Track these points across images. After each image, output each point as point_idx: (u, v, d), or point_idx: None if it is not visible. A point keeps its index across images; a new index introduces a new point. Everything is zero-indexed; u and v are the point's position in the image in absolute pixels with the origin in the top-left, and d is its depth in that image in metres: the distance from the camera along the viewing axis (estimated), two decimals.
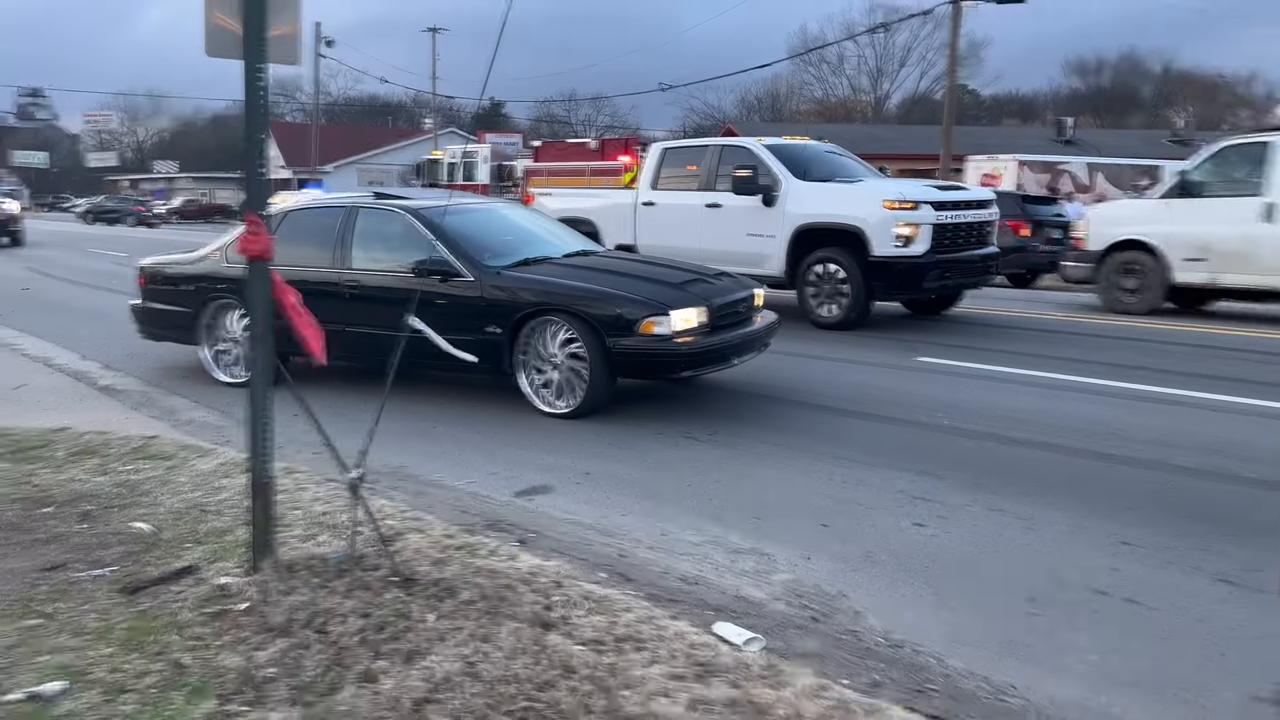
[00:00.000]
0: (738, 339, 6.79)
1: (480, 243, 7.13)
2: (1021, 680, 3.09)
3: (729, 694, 2.67)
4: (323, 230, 7.49)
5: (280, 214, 7.66)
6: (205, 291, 7.72)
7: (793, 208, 10.67)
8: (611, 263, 7.50)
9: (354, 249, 7.27)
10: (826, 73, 63.68)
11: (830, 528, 4.48)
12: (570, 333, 6.41)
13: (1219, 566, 3.96)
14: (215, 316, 7.73)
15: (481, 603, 3.28)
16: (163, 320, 8.09)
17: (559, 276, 6.77)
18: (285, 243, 7.44)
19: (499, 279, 6.69)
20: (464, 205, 8.00)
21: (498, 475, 5.35)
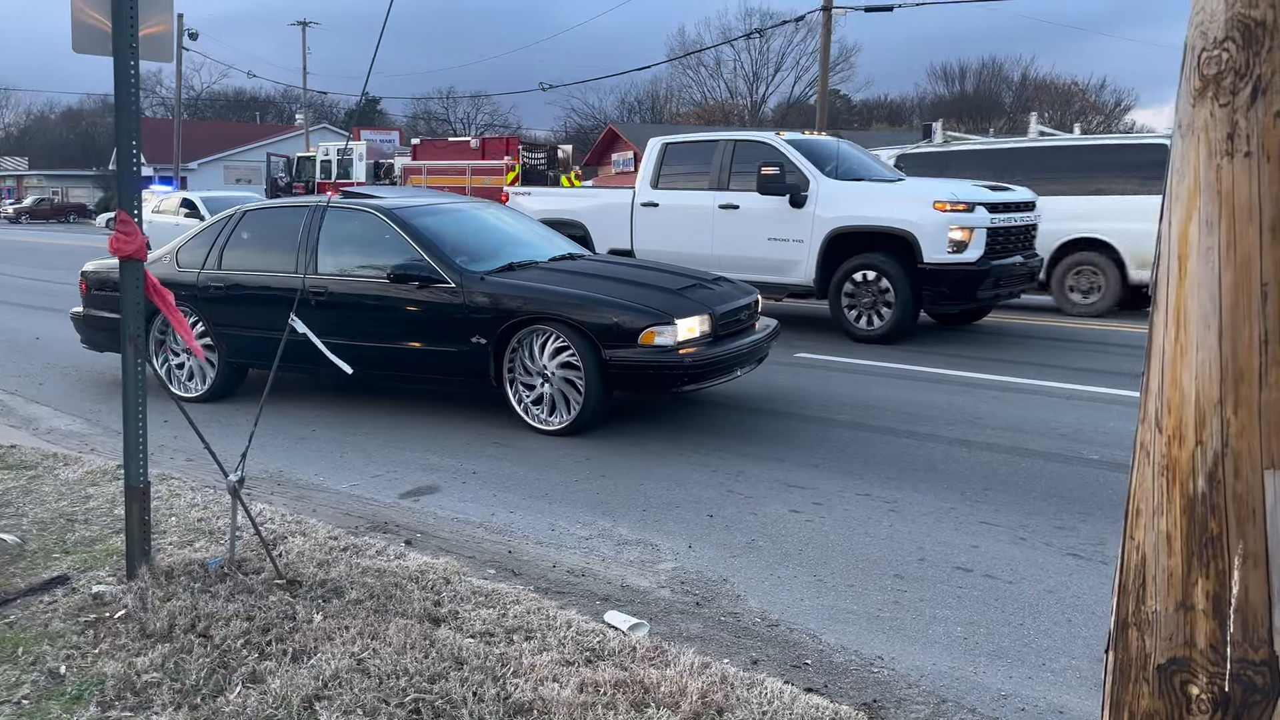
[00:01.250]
0: (742, 349, 6.34)
1: (461, 245, 6.64)
2: (890, 652, 3.29)
3: (616, 675, 2.77)
4: (285, 232, 6.98)
5: (236, 214, 7.26)
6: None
7: (825, 210, 9.62)
8: (603, 267, 7.02)
9: (320, 253, 6.71)
10: (705, 76, 64.73)
11: (714, 518, 4.63)
12: (562, 343, 5.98)
13: (1068, 542, 4.28)
14: (166, 326, 7.12)
15: (369, 601, 3.29)
16: (106, 329, 7.25)
17: (549, 282, 6.26)
18: (242, 246, 7.03)
19: (483, 285, 6.18)
20: (440, 205, 7.38)
21: (381, 477, 5.31)
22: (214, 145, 57.83)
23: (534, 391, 6.16)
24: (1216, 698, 1.45)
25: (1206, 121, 1.41)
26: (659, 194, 10.97)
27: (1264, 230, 1.36)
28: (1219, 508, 1.43)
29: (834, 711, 2.63)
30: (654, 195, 11.01)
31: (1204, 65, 1.42)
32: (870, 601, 3.70)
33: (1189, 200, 1.44)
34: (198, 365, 7.08)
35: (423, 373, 6.51)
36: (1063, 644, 3.34)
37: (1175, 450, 1.47)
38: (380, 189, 7.75)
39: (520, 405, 6.21)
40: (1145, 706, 1.53)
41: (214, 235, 7.19)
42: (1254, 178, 1.37)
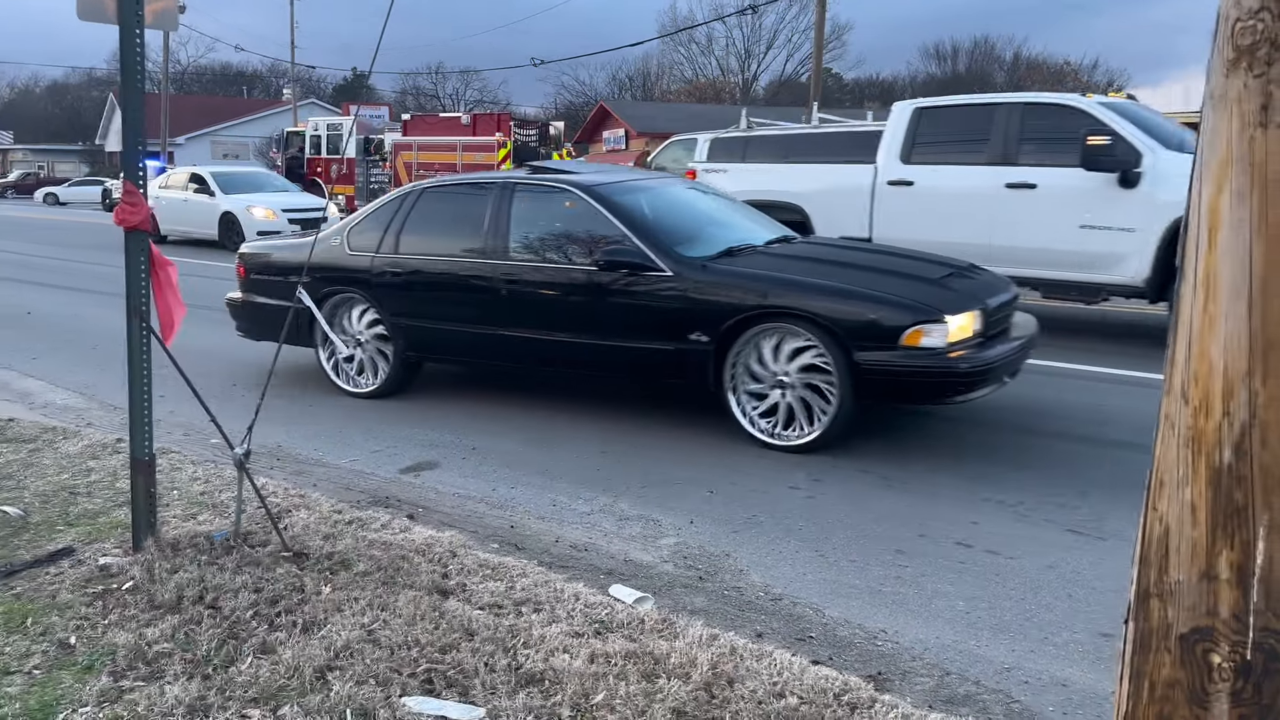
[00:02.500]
0: (1012, 352, 5.33)
1: (674, 228, 5.87)
2: (893, 626, 3.32)
3: (626, 647, 2.78)
4: (468, 213, 6.23)
5: (413, 193, 6.58)
6: (321, 284, 6.46)
7: (1164, 191, 7.61)
8: (837, 252, 6.07)
9: (511, 236, 5.99)
10: (696, 53, 64.33)
11: (715, 494, 4.65)
12: (805, 343, 5.11)
13: (1069, 518, 4.31)
14: (334, 314, 6.52)
15: (377, 574, 3.30)
16: (268, 317, 6.70)
17: (781, 270, 5.43)
18: (420, 228, 6.32)
19: (705, 273, 5.36)
20: (641, 182, 6.48)
21: (381, 452, 5.31)
22: (201, 120, 57.32)
23: (764, 401, 5.29)
24: (1239, 666, 1.47)
25: (1240, 92, 1.41)
26: (913, 170, 9.03)
27: None
28: (1245, 478, 1.44)
29: (843, 682, 2.65)
30: (906, 171, 9.06)
31: (1238, 35, 1.41)
32: (872, 576, 3.73)
33: (1220, 172, 1.44)
34: (369, 359, 6.47)
35: (626, 373, 5.84)
36: (1064, 618, 3.37)
37: (1201, 421, 1.48)
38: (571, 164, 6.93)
39: (745, 416, 5.33)
40: (1166, 675, 1.55)
41: (388, 216, 6.48)
42: None
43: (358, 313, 6.46)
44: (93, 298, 11.18)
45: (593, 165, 8.63)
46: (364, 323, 6.44)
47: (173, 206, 19.35)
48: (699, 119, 47.38)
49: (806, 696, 2.54)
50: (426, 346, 6.33)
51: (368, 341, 6.46)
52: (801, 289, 5.16)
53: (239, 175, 20.47)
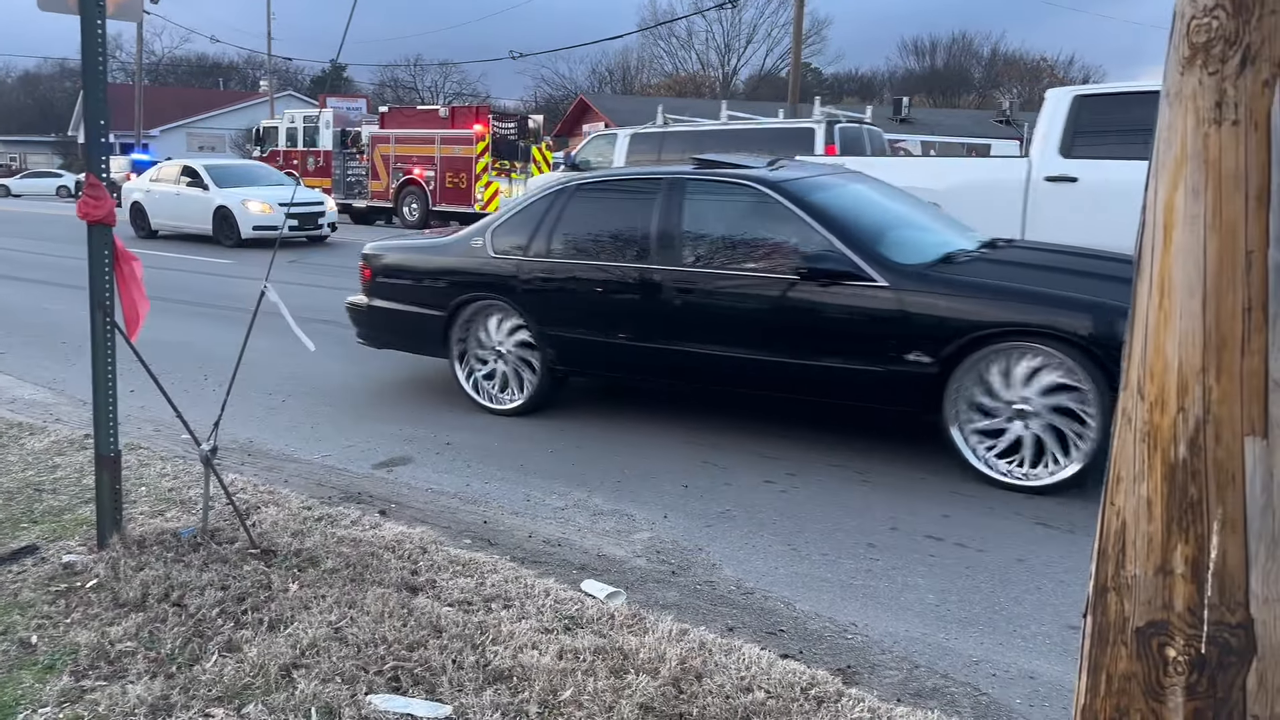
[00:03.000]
0: None
1: (877, 231, 5.17)
2: (863, 619, 3.33)
3: (596, 643, 2.78)
4: (631, 213, 5.59)
5: (565, 189, 5.92)
6: (459, 289, 5.98)
7: None
8: (1064, 259, 5.40)
9: (684, 239, 5.36)
10: (676, 47, 64.33)
11: (689, 488, 4.65)
12: (1044, 363, 4.44)
13: (1037, 511, 4.34)
14: (472, 322, 6.01)
15: (346, 570, 3.28)
16: (396, 324, 6.29)
17: (1025, 281, 4.71)
18: (574, 228, 5.72)
19: (926, 284, 4.69)
20: (829, 178, 5.71)
21: (354, 448, 5.28)
22: (176, 112, 56.74)
23: (1003, 435, 4.60)
24: (1193, 659, 1.48)
25: (1195, 89, 1.42)
26: (1076, 165, 8.10)
27: (1250, 198, 1.37)
28: (1199, 473, 1.45)
29: (811, 676, 2.66)
30: (1067, 166, 8.15)
31: (1193, 33, 1.42)
32: (843, 569, 3.74)
33: (1175, 168, 1.45)
34: (512, 372, 5.93)
35: (823, 395, 5.10)
36: (1033, 611, 3.40)
37: (1157, 417, 1.49)
38: (739, 157, 6.14)
39: (974, 452, 4.68)
40: (1123, 668, 1.56)
41: (538, 216, 5.87)
42: (1241, 145, 1.37)
43: (500, 322, 5.91)
44: (60, 291, 11.05)
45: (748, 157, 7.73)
46: (506, 333, 5.90)
47: (164, 200, 18.93)
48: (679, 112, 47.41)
49: (774, 691, 2.55)
50: (580, 360, 5.75)
51: (509, 353, 5.90)
52: (1056, 303, 4.44)
53: (233, 168, 19.94)
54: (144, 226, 19.30)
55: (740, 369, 5.19)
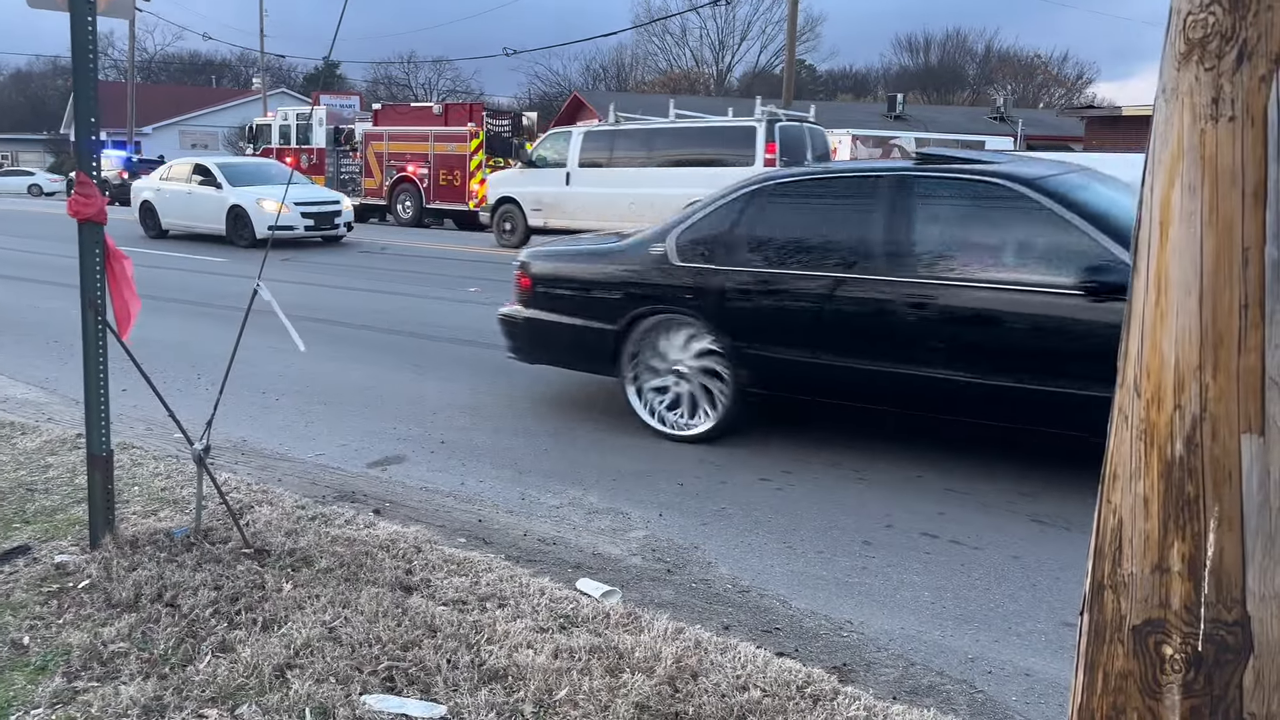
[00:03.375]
0: None
1: None
2: (859, 617, 3.33)
3: (591, 642, 2.77)
4: (847, 215, 5.00)
5: (761, 187, 5.27)
6: (635, 301, 5.38)
7: None
8: None
9: (916, 245, 4.70)
10: (670, 44, 64.24)
11: (685, 486, 4.64)
12: None
13: (1032, 508, 4.34)
14: (648, 338, 5.41)
15: (340, 570, 3.26)
16: (557, 339, 5.75)
17: None
18: (775, 231, 5.09)
19: None
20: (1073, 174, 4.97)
21: (348, 447, 5.26)
22: (169, 109, 56.58)
23: None
24: (1190, 657, 1.47)
25: (1191, 86, 1.41)
26: None
27: (1246, 195, 1.37)
28: (1196, 471, 1.44)
29: (806, 675, 2.65)
30: None
31: (1189, 29, 1.41)
32: (839, 567, 3.74)
33: (1171, 165, 1.45)
34: (695, 394, 5.32)
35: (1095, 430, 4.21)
36: (1028, 608, 3.40)
37: (1154, 414, 1.48)
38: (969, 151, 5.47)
39: None
40: (1120, 667, 1.56)
41: (731, 219, 5.24)
42: (1238, 142, 1.37)
43: (683, 338, 5.30)
44: (50, 289, 11.00)
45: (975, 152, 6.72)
46: (690, 350, 5.28)
47: (175, 199, 18.34)
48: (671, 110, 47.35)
49: (769, 689, 2.54)
50: (782, 382, 5.10)
51: (692, 373, 5.29)
52: None
53: (247, 167, 19.22)
54: (154, 226, 18.73)
55: (1003, 399, 4.46)
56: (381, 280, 12.91)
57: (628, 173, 16.96)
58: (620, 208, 16.69)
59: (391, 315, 9.74)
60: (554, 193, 17.81)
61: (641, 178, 16.66)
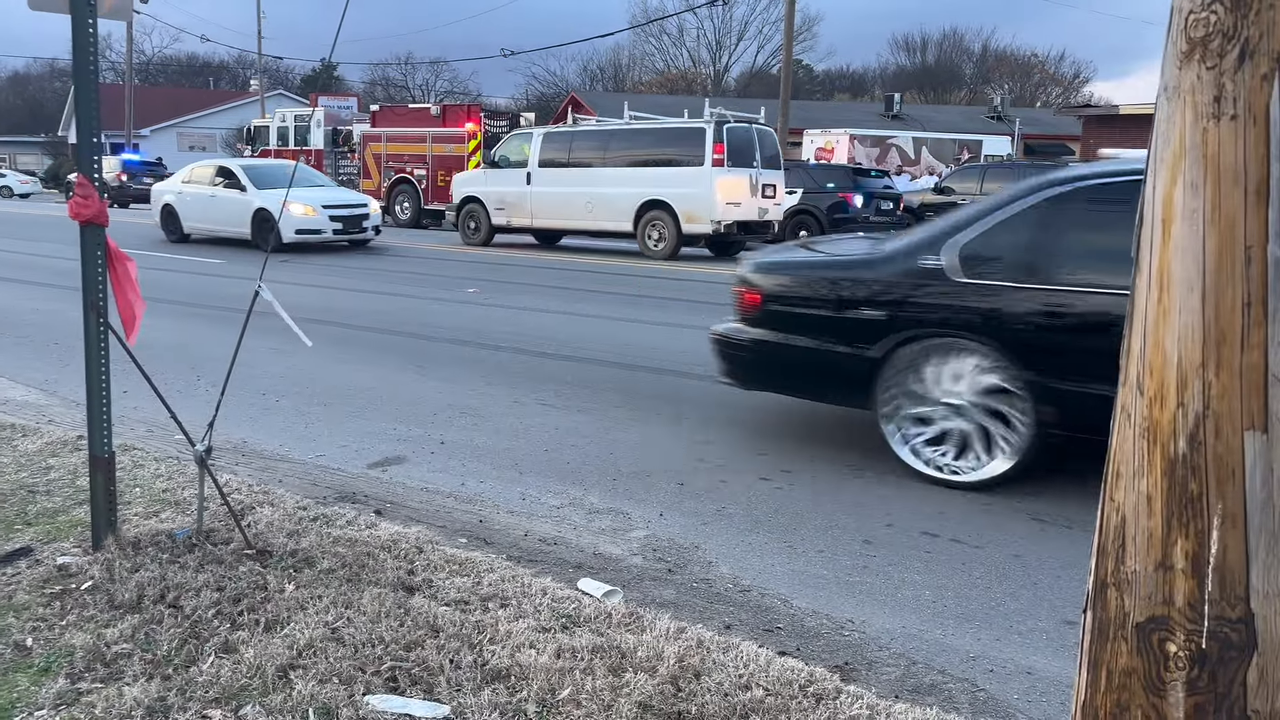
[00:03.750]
0: None
1: None
2: (860, 616, 3.33)
3: (594, 641, 2.77)
4: None
5: (1057, 195, 4.47)
6: (903, 324, 4.69)
7: None
8: None
9: None
10: (667, 44, 64.28)
11: (685, 486, 4.64)
12: None
13: (1033, 507, 4.35)
14: (913, 366, 4.70)
15: (342, 571, 3.26)
16: (793, 363, 5.08)
17: None
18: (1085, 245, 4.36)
19: None
20: None
21: (348, 448, 5.26)
22: (166, 112, 56.56)
23: None
24: (1194, 654, 1.48)
25: (1193, 84, 1.42)
26: None
27: (1249, 193, 1.37)
28: (1199, 469, 1.45)
29: (809, 674, 2.65)
30: None
31: (1191, 28, 1.42)
32: (840, 566, 3.74)
33: (1174, 163, 1.45)
34: (975, 432, 4.57)
35: None
36: (1029, 606, 3.40)
37: (1157, 412, 1.48)
38: None
39: None
40: (1124, 664, 1.56)
41: (1028, 227, 4.50)
42: (1240, 140, 1.37)
43: (965, 367, 4.57)
44: (52, 292, 10.99)
45: None
46: (975, 381, 4.53)
47: (198, 203, 17.71)
48: (671, 109, 47.36)
49: (772, 688, 2.55)
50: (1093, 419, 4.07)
51: (973, 407, 4.57)
52: None
53: (272, 168, 18.41)
54: (175, 230, 18.18)
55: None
56: (381, 281, 12.90)
57: (585, 172, 17.85)
58: (578, 206, 17.83)
59: (392, 316, 9.74)
60: (516, 192, 18.67)
61: (598, 177, 17.61)
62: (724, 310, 6.06)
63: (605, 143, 17.82)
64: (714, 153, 16.05)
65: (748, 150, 16.61)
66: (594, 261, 16.35)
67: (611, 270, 14.88)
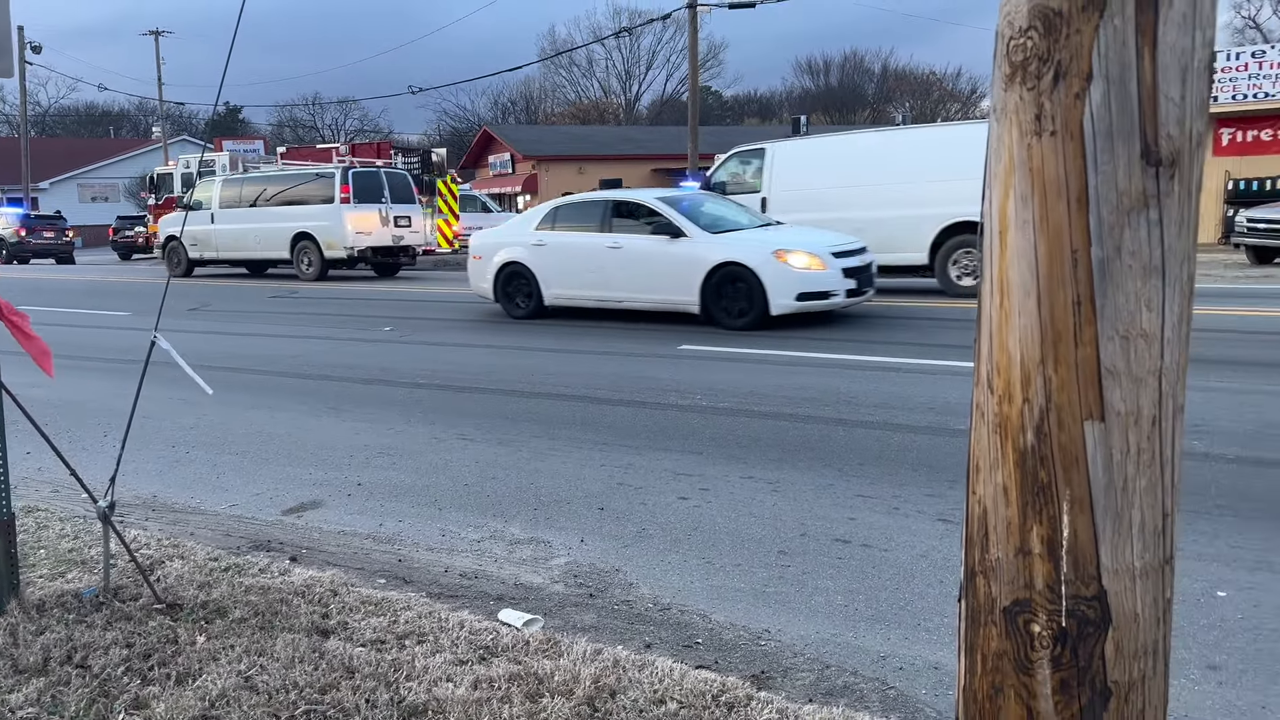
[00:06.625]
0: None
1: None
2: (776, 625, 3.41)
3: (510, 670, 2.79)
4: None
5: None
6: None
7: None
8: None
9: None
10: (578, 75, 64.80)
11: (605, 510, 4.69)
12: None
13: (937, 508, 4.50)
14: None
15: (255, 619, 3.23)
16: None
17: None
18: None
19: None
20: None
21: (262, 495, 5.18)
22: (66, 163, 54.96)
23: None
24: (1056, 633, 1.58)
25: (1017, 104, 1.54)
26: None
27: (1071, 202, 1.49)
28: (1047, 459, 1.56)
29: (721, 684, 2.72)
30: None
31: (1012, 52, 1.54)
32: (756, 578, 3.82)
33: (1006, 178, 1.57)
34: None
35: None
36: (936, 604, 3.52)
37: (1006, 408, 1.59)
38: None
39: None
40: (995, 647, 1.66)
41: None
42: (1060, 154, 1.49)
43: None
44: None
45: None
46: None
47: (577, 258, 11.72)
48: (584, 140, 47.81)
49: (686, 700, 2.60)
50: None
51: None
52: None
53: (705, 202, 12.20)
54: (526, 299, 12.20)
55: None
56: (294, 324, 12.71)
57: (253, 211, 21.40)
58: (249, 239, 21.39)
59: (305, 359, 9.61)
60: (204, 230, 21.88)
61: (262, 215, 21.13)
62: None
63: (263, 186, 21.37)
64: (341, 192, 20.00)
65: (376, 189, 20.58)
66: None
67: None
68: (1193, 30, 1.47)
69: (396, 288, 18.69)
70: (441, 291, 17.36)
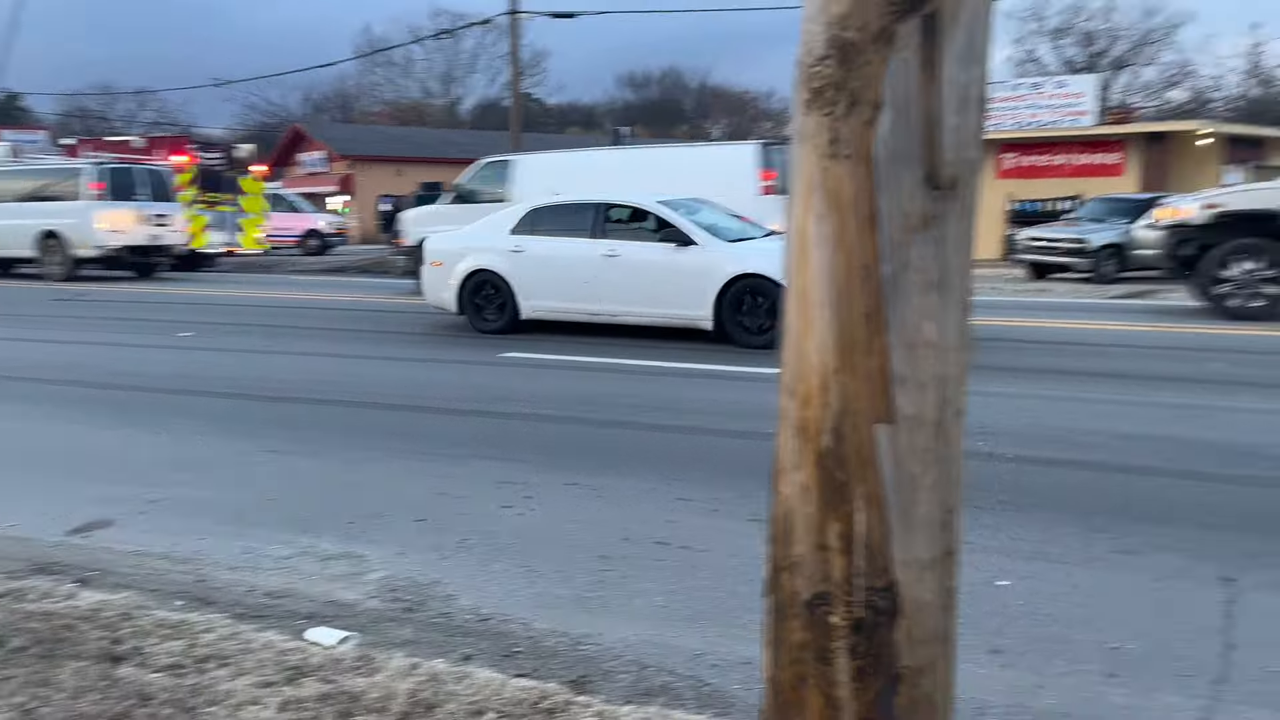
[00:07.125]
0: None
1: None
2: (596, 629, 3.45)
3: (321, 690, 2.70)
4: None
5: None
6: None
7: None
8: None
9: None
10: (396, 74, 63.20)
11: (425, 521, 4.60)
12: None
13: (750, 508, 4.67)
14: None
15: (36, 648, 2.98)
16: None
17: None
18: None
19: None
20: None
21: (46, 514, 4.78)
22: None
23: None
24: (852, 623, 1.69)
25: (815, 129, 1.63)
26: None
27: (862, 221, 1.60)
28: (844, 459, 1.66)
29: (541, 690, 2.73)
30: None
31: (810, 80, 1.64)
32: (578, 584, 3.85)
33: (806, 198, 1.66)
34: None
35: None
36: (747, 601, 3.65)
37: (806, 412, 1.69)
38: None
39: None
40: (798, 639, 1.75)
41: None
42: (853, 177, 1.60)
43: None
44: None
45: None
46: None
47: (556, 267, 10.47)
48: (403, 141, 46.67)
49: (505, 710, 2.60)
50: None
51: None
52: None
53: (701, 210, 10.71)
54: (498, 311, 10.75)
55: None
56: (84, 330, 11.81)
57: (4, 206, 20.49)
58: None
59: (97, 367, 8.94)
60: None
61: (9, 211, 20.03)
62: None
63: (13, 181, 20.41)
64: (91, 189, 19.20)
65: (131, 186, 19.78)
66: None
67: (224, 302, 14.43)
68: (970, 65, 1.61)
69: (199, 290, 17.66)
70: (251, 296, 16.54)
